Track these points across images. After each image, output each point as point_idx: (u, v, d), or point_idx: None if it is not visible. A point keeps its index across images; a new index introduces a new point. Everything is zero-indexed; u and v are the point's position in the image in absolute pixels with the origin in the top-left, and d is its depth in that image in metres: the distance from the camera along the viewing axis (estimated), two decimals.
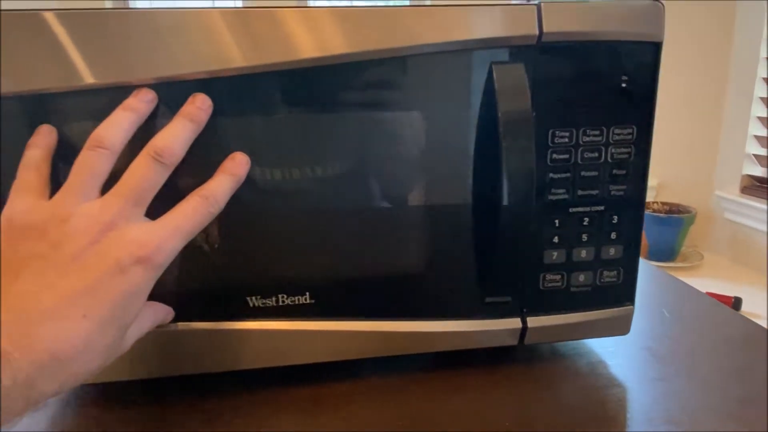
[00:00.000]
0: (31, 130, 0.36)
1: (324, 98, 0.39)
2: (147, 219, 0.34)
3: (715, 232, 2.27)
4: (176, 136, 0.35)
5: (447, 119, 0.41)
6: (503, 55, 0.39)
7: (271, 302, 0.42)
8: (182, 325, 0.41)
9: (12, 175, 0.35)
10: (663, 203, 2.13)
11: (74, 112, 0.37)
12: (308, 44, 0.38)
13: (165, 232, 0.33)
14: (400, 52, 0.39)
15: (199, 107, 0.36)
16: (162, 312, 0.39)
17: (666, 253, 2.09)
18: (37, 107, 0.36)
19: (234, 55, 0.37)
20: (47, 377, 0.29)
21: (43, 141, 0.36)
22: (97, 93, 0.36)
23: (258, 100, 0.38)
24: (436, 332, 0.44)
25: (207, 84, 0.37)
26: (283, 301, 0.42)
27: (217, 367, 0.43)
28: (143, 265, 0.32)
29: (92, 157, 0.34)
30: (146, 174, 0.34)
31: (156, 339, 0.41)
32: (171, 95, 0.37)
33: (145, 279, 0.32)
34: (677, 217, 2.06)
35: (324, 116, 0.40)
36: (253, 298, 0.42)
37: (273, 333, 0.42)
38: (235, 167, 0.37)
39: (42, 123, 0.36)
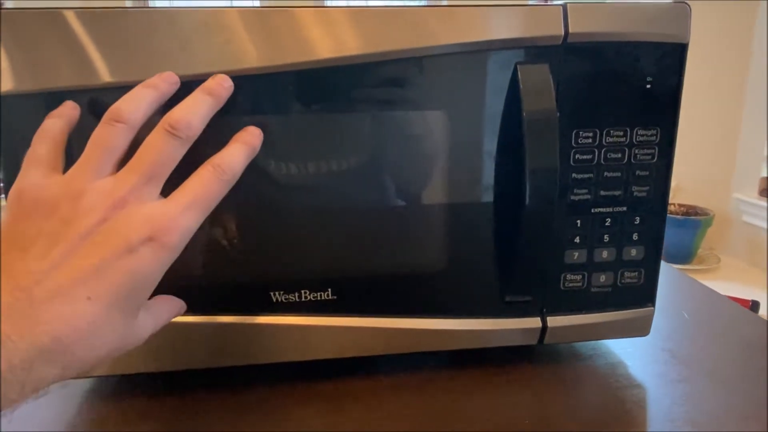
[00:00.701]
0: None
1: (342, 98, 0.40)
2: (162, 197, 0.32)
3: (732, 234, 2.24)
4: (193, 110, 0.33)
5: (471, 119, 0.41)
6: (528, 55, 0.40)
7: (293, 297, 0.43)
8: (206, 319, 0.42)
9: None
10: (680, 205, 2.11)
11: (92, 110, 0.37)
12: (325, 44, 0.38)
13: (176, 210, 0.31)
14: (420, 52, 0.39)
15: (219, 83, 0.35)
16: (177, 306, 0.38)
17: (682, 256, 2.07)
18: (57, 105, 0.37)
19: (251, 55, 0.37)
20: (47, 361, 0.27)
21: (64, 112, 0.35)
22: (116, 91, 0.37)
23: (275, 100, 0.39)
24: (456, 330, 0.45)
25: None
26: (305, 297, 0.43)
27: (240, 360, 0.43)
28: (154, 244, 0.30)
29: (109, 131, 0.32)
30: (161, 149, 0.32)
31: (179, 332, 0.41)
32: (185, 93, 0.37)
33: (156, 260, 0.31)
34: (694, 219, 2.04)
35: (342, 116, 0.40)
36: (277, 293, 0.42)
37: (295, 328, 0.43)
38: (248, 136, 0.36)
39: None
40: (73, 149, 0.35)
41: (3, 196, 0.37)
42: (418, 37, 0.38)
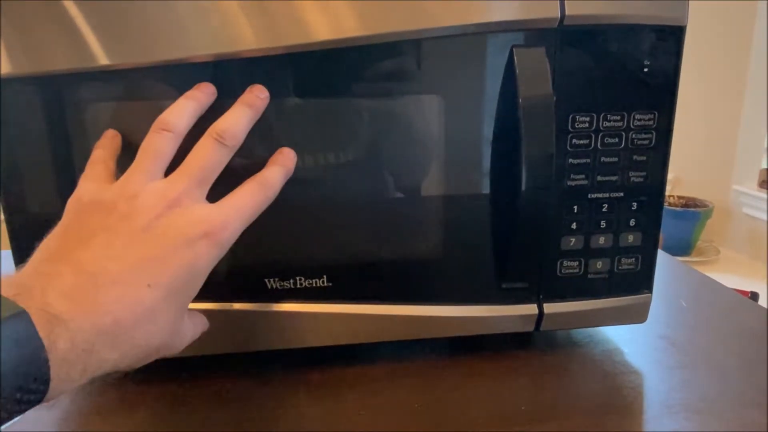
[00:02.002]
0: (47, 110, 0.37)
1: (339, 82, 0.39)
2: (208, 202, 0.35)
3: (732, 226, 2.24)
4: (237, 121, 0.36)
5: (465, 103, 0.41)
6: (524, 38, 0.39)
7: (289, 284, 0.42)
8: (200, 306, 0.41)
9: (32, 154, 0.37)
10: (679, 197, 2.11)
11: (88, 92, 0.38)
12: (322, 27, 0.37)
13: (228, 211, 0.34)
14: (417, 34, 0.38)
15: (257, 95, 0.37)
16: (204, 322, 0.39)
17: (681, 248, 2.07)
18: (53, 87, 0.37)
19: (248, 38, 0.37)
20: (108, 343, 0.29)
21: (108, 143, 0.38)
22: (111, 74, 0.37)
23: (272, 83, 0.38)
24: (452, 317, 0.44)
25: (221, 66, 0.37)
26: (300, 284, 0.42)
27: (234, 348, 0.43)
28: (209, 240, 0.32)
29: (158, 139, 0.35)
30: (210, 155, 0.35)
31: None
32: (184, 77, 0.37)
33: (210, 255, 0.33)
34: (693, 211, 2.04)
35: (338, 101, 0.40)
36: (272, 280, 0.42)
37: (290, 315, 0.43)
38: (285, 159, 0.38)
39: (57, 103, 0.37)
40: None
41: None
42: (414, 19, 0.38)
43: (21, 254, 0.39)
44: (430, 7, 0.38)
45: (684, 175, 2.21)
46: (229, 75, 0.38)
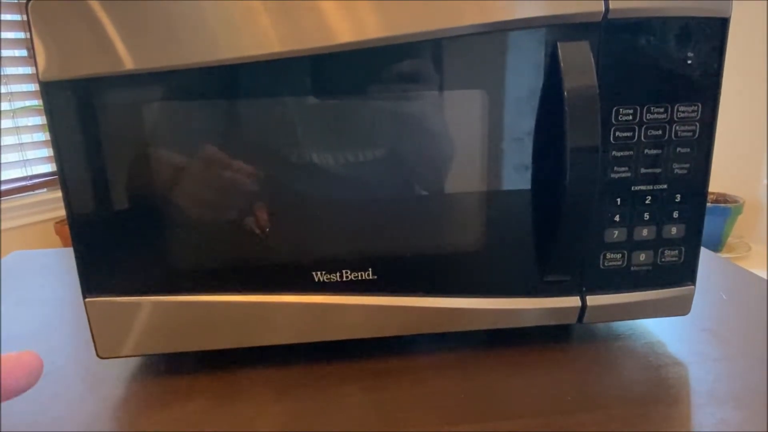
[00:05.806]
0: (79, 114, 0.38)
1: (385, 81, 0.40)
2: None
3: (763, 222, 2.20)
4: None
5: (508, 98, 0.41)
6: (568, 32, 0.39)
7: (335, 277, 0.43)
8: (251, 298, 0.43)
9: (64, 157, 0.38)
10: (709, 192, 2.08)
11: (117, 96, 0.38)
12: (346, 29, 0.38)
13: None
14: (461, 31, 0.39)
15: None
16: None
17: (712, 244, 2.04)
18: (84, 92, 0.38)
19: (272, 40, 0.38)
20: None
21: None
22: (139, 78, 0.38)
23: (300, 85, 0.39)
24: (496, 309, 0.45)
25: (245, 68, 0.38)
26: (347, 277, 0.43)
27: (283, 339, 0.44)
28: None
29: None
30: None
31: (223, 311, 0.43)
32: (209, 79, 0.38)
33: None
34: (724, 207, 2.01)
35: (383, 99, 0.41)
36: (319, 273, 0.43)
37: (337, 307, 0.44)
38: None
39: (89, 107, 0.38)
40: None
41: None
42: (454, 17, 0.39)
43: (83, 253, 0.41)
44: (475, 4, 0.38)
45: (714, 170, 2.17)
46: (255, 76, 0.39)
